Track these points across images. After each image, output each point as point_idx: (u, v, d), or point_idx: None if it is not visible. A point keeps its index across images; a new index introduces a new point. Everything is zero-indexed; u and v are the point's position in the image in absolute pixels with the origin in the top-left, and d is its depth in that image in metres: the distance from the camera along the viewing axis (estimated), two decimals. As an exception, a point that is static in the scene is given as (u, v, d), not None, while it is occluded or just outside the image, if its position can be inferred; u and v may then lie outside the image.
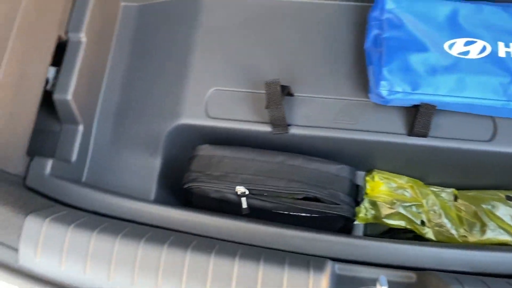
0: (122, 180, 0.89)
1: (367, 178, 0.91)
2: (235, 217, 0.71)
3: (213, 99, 0.88)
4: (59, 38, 0.87)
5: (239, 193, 0.78)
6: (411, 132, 0.82)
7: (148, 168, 0.89)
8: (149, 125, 0.90)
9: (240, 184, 0.78)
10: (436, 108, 0.80)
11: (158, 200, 0.89)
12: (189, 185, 0.81)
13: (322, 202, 0.78)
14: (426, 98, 0.79)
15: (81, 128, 0.89)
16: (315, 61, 0.89)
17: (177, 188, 0.88)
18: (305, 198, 0.79)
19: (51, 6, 0.84)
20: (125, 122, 0.92)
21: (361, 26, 0.90)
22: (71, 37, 0.88)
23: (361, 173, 0.93)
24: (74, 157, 0.88)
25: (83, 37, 0.88)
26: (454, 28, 0.82)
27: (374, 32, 0.84)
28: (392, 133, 0.83)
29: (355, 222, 0.89)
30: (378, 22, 0.84)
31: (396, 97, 0.79)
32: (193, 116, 0.88)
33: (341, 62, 0.88)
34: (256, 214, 0.79)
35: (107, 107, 0.93)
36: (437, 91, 0.79)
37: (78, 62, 0.87)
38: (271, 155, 0.81)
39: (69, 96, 0.85)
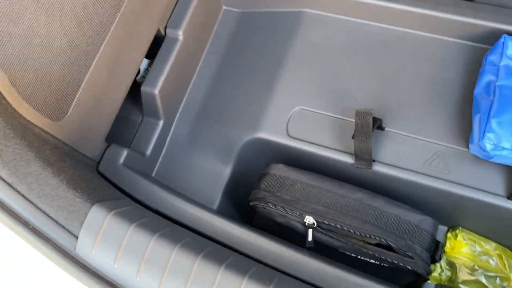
0: (190, 181, 0.88)
1: (449, 235, 0.82)
2: (300, 249, 0.66)
3: (296, 118, 0.84)
4: (158, 32, 0.87)
5: (307, 223, 0.73)
6: (511, 196, 0.72)
7: (217, 175, 0.87)
8: (226, 132, 0.88)
9: (310, 214, 0.73)
10: (548, 174, 0.70)
11: (221, 210, 0.86)
12: (255, 203, 0.77)
13: (396, 252, 0.70)
14: (537, 161, 0.69)
15: (161, 123, 0.89)
16: (414, 97, 0.82)
17: (240, 202, 0.85)
18: (377, 245, 0.72)
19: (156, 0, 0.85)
20: (203, 125, 0.90)
21: (473, 68, 0.81)
22: (169, 33, 0.88)
23: (442, 228, 0.84)
24: (149, 151, 0.87)
25: (180, 34, 0.88)
26: None
27: (487, 77, 0.76)
28: (488, 192, 0.74)
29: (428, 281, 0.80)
30: (494, 67, 0.76)
31: (502, 153, 0.70)
32: (272, 132, 0.84)
33: (443, 104, 0.80)
34: (319, 249, 0.73)
35: (190, 107, 0.92)
36: (553, 156, 0.69)
37: (171, 58, 0.87)
38: (349, 189, 0.75)
39: (157, 91, 0.85)
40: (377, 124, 0.77)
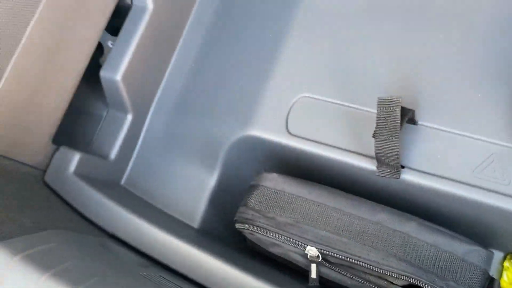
0: (167, 191, 0.69)
1: (506, 264, 0.61)
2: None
3: (298, 110, 0.64)
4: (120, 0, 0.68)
5: (309, 256, 0.53)
6: None
7: (200, 184, 0.68)
8: (211, 130, 0.69)
9: (313, 243, 0.53)
10: None
11: (205, 227, 0.67)
12: (241, 227, 0.58)
13: (433, 299, 0.50)
14: None
15: (129, 118, 0.71)
16: (460, 77, 0.60)
17: (230, 216, 0.66)
18: (407, 286, 0.52)
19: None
20: (183, 121, 0.71)
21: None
22: (135, 1, 0.69)
23: (496, 254, 0.62)
24: (114, 153, 0.69)
25: (150, 2, 0.69)
26: None
27: None
28: None
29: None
30: None
31: None
32: (268, 128, 0.65)
33: (500, 85, 0.58)
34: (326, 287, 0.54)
35: (167, 97, 0.73)
36: None
37: (137, 33, 0.67)
38: (368, 208, 0.55)
39: (119, 76, 0.66)
40: (408, 117, 0.56)
